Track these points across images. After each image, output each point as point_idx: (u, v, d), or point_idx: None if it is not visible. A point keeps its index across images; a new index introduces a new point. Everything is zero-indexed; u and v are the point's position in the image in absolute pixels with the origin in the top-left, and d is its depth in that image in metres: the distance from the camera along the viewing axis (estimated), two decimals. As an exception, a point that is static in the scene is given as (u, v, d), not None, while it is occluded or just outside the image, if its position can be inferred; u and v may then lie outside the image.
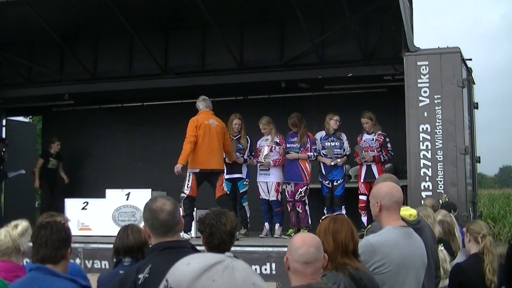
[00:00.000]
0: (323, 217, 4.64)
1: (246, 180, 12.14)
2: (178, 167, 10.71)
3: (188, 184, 10.91)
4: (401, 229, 4.91)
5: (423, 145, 10.93)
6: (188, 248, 4.05)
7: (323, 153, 11.92)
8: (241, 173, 12.15)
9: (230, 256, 1.81)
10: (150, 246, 4.13)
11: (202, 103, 11.31)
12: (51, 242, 4.11)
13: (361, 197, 11.70)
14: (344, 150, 11.92)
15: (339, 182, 11.85)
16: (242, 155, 12.12)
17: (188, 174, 10.97)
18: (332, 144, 11.92)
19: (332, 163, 11.80)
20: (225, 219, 4.71)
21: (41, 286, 3.99)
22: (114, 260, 5.49)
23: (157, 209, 4.00)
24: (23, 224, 4.98)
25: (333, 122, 11.93)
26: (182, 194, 10.86)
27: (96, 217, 12.09)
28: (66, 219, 5.40)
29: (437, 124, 10.90)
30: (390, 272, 4.72)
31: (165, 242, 3.99)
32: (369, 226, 6.01)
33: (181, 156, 10.73)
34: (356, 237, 4.42)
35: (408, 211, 5.62)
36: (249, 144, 12.17)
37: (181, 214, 4.11)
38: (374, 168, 11.56)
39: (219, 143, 11.10)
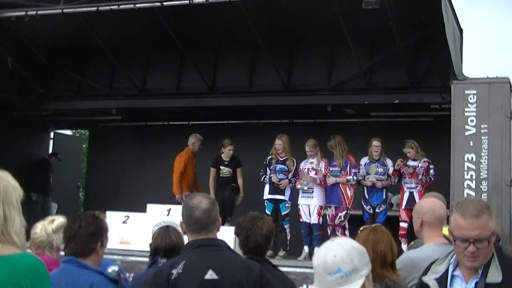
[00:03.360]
0: (361, 228, 4.60)
1: (289, 202, 12.07)
2: None
3: None
4: (443, 246, 4.80)
5: (467, 175, 10.78)
6: (223, 247, 4.05)
7: (367, 178, 11.84)
8: (284, 195, 12.12)
9: None
10: (186, 243, 4.14)
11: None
12: (79, 236, 4.18)
13: (402, 224, 11.54)
14: (388, 176, 11.80)
15: (381, 209, 11.73)
16: (285, 177, 12.08)
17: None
18: (376, 170, 11.82)
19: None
20: (262, 222, 4.71)
21: (70, 278, 4.06)
22: (149, 261, 5.51)
23: (193, 206, 4.02)
24: (59, 220, 5.02)
25: (372, 148, 11.90)
26: None
27: (136, 231, 12.10)
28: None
29: (482, 154, 10.74)
30: (429, 290, 4.63)
31: (200, 240, 4.00)
32: (412, 242, 5.92)
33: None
34: (394, 249, 4.37)
35: (452, 231, 5.52)
36: (294, 167, 12.11)
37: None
38: (416, 195, 11.42)
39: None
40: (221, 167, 13.19)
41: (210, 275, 3.87)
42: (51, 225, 5.05)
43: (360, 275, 2.86)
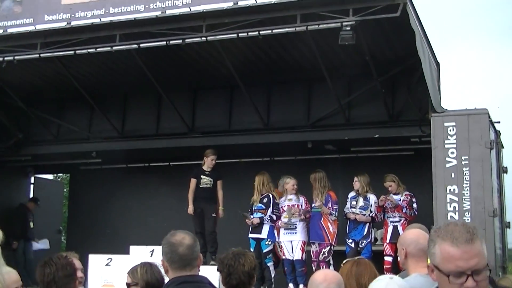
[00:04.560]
0: (344, 261, 4.56)
1: (268, 240, 11.98)
2: None
3: None
4: (428, 277, 4.75)
5: (450, 206, 10.77)
6: (205, 284, 4.00)
7: (351, 211, 11.82)
8: (261, 233, 12.02)
9: None
10: (168, 281, 4.08)
11: None
12: (59, 279, 4.24)
13: (386, 258, 11.49)
14: (371, 212, 11.76)
15: (364, 244, 11.67)
16: (262, 215, 12.01)
17: None
18: (360, 204, 11.80)
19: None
20: (243, 259, 4.66)
21: None
22: None
23: (176, 243, 3.98)
24: None
25: (354, 183, 11.96)
26: None
27: (120, 273, 11.92)
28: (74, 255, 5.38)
29: (464, 185, 10.75)
30: (415, 321, 4.57)
31: (183, 277, 3.95)
32: (397, 276, 5.86)
33: None
34: None
35: (437, 262, 5.49)
36: (272, 202, 12.04)
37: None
38: (400, 228, 11.38)
39: None
40: (202, 176, 12.72)
41: None
42: None
43: None
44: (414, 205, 11.65)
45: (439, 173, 10.96)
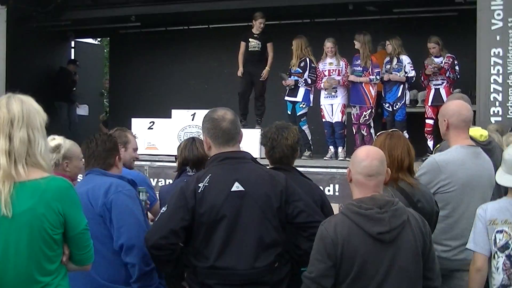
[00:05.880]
0: (378, 134, 4.58)
1: (303, 103, 11.96)
2: None
3: None
4: (469, 148, 4.80)
5: (494, 70, 10.61)
6: (248, 159, 4.05)
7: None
8: (296, 96, 12.01)
9: None
10: (210, 157, 4.14)
11: None
12: (98, 154, 4.45)
13: (427, 121, 11.46)
14: (405, 72, 11.57)
15: (397, 106, 11.59)
16: (298, 78, 11.95)
17: None
18: (392, 65, 11.66)
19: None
20: (287, 133, 4.68)
21: (93, 183, 4.33)
22: (177, 172, 5.57)
23: (219, 118, 4.01)
24: (56, 141, 4.92)
25: (387, 47, 11.90)
26: None
27: (162, 136, 12.21)
28: (134, 136, 5.56)
29: (509, 48, 10.55)
30: (455, 192, 4.63)
31: (226, 153, 4.00)
32: (438, 145, 5.88)
33: None
34: (412, 153, 4.36)
35: (478, 132, 5.49)
36: (309, 65, 11.90)
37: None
38: (443, 91, 11.27)
39: None
40: (250, 39, 12.71)
41: (237, 187, 3.90)
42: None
43: None
44: (456, 67, 11.46)
45: (483, 35, 10.72)
